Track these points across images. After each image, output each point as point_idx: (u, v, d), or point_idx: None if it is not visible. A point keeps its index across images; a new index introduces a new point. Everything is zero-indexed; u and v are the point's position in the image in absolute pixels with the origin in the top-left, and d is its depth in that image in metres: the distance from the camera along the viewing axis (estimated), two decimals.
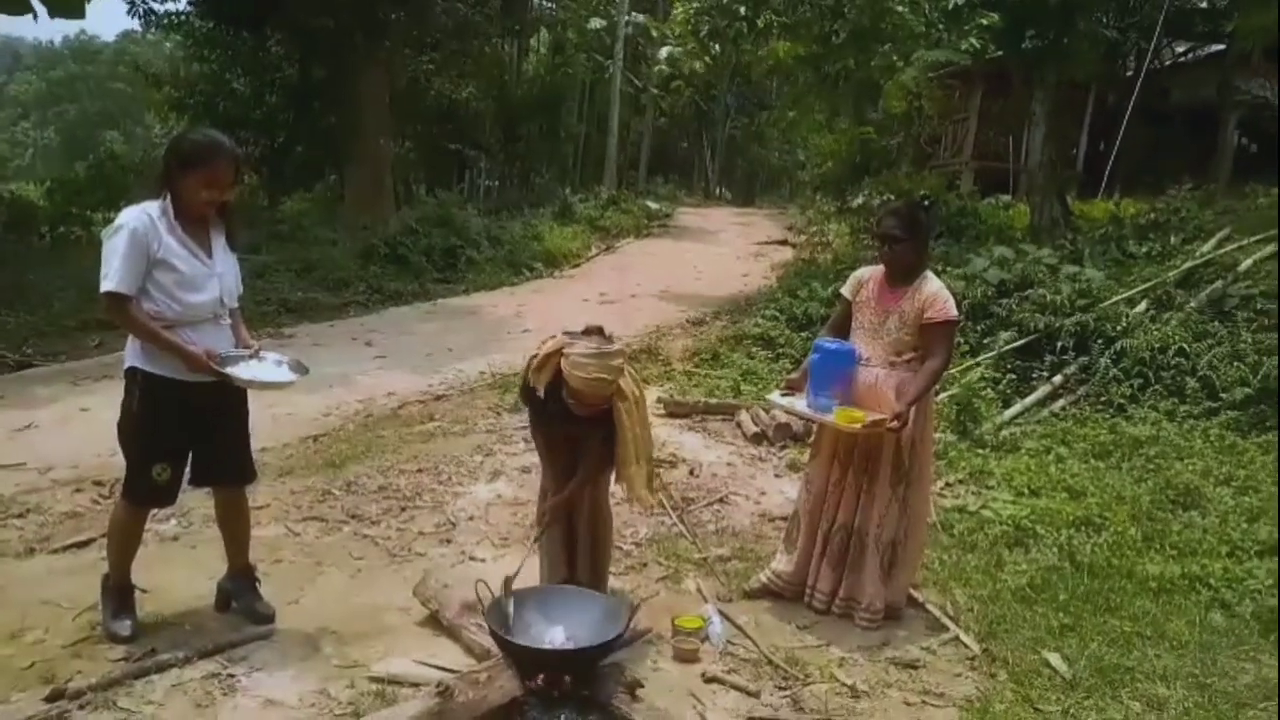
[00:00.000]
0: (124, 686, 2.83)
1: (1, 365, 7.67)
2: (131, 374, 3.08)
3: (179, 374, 3.03)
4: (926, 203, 3.75)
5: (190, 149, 3.03)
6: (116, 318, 3.01)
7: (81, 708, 2.70)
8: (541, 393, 3.12)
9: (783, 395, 3.77)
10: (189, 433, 3.15)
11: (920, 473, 3.62)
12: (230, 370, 3.08)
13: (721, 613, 3.58)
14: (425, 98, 19.88)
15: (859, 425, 3.38)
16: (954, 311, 3.51)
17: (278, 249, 13.05)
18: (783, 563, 3.79)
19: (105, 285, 2.93)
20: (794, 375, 3.80)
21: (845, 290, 3.77)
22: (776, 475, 5.56)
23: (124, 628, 3.14)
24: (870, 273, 3.71)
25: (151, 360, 3.03)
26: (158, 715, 2.71)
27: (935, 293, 3.49)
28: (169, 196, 3.02)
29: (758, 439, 6.15)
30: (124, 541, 3.23)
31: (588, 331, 3.11)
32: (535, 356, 3.15)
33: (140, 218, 2.96)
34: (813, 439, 4.04)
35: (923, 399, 3.49)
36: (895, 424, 3.31)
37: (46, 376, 7.34)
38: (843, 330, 3.74)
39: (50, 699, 2.72)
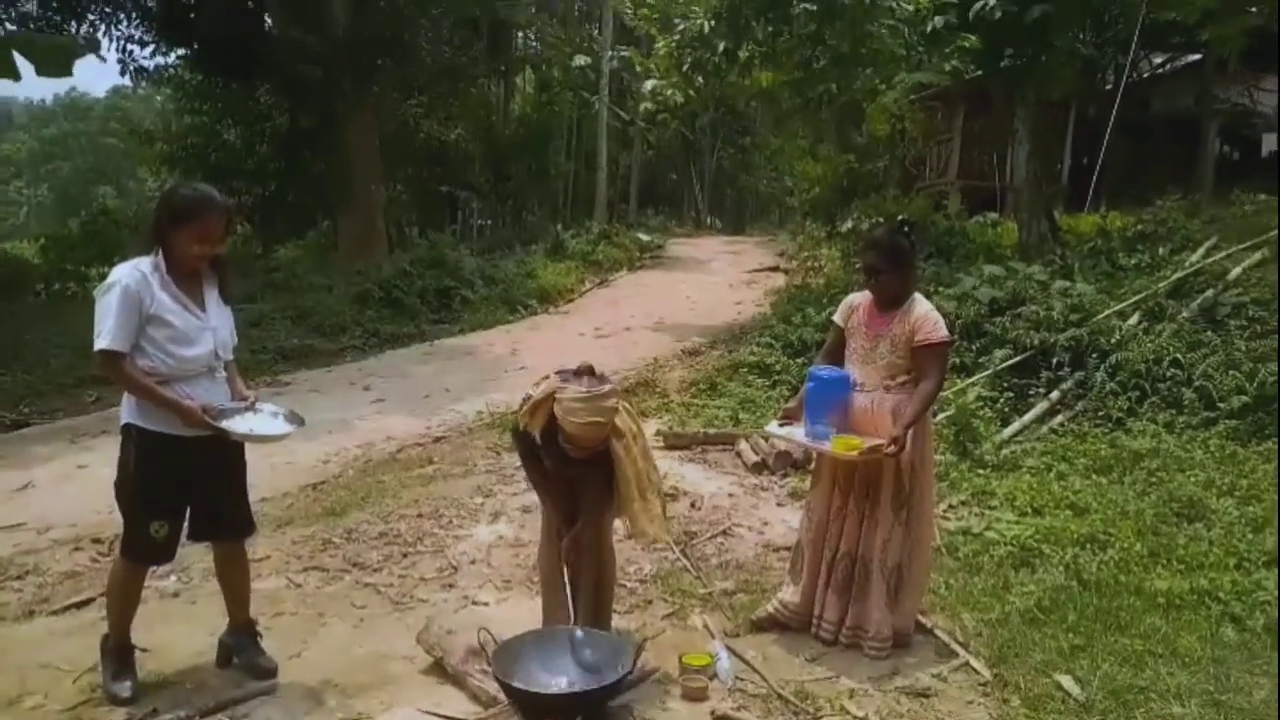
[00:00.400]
0: None
1: None
2: (127, 431, 3.08)
3: (175, 429, 3.02)
4: (906, 228, 3.76)
5: (181, 204, 3.05)
6: (111, 375, 3.03)
7: None
8: (538, 438, 3.12)
9: (780, 425, 3.77)
10: (186, 488, 3.14)
11: (922, 496, 3.61)
12: (226, 424, 3.07)
13: (729, 648, 3.54)
14: (414, 141, 20.09)
15: (856, 453, 3.37)
16: (944, 332, 3.53)
17: (272, 297, 13.09)
18: (789, 593, 3.77)
19: (99, 343, 2.94)
20: (791, 404, 3.80)
21: (837, 317, 3.79)
22: (779, 504, 5.54)
23: (125, 689, 3.10)
24: (860, 298, 3.72)
25: (147, 416, 3.03)
26: None
27: (924, 315, 3.51)
28: (160, 252, 3.03)
29: (758, 468, 6.13)
30: (123, 600, 3.20)
31: (579, 372, 3.10)
32: (528, 399, 3.15)
33: (132, 274, 2.98)
34: (813, 467, 4.04)
35: (920, 421, 3.49)
36: (893, 449, 3.31)
37: (44, 435, 7.33)
38: (837, 356, 3.74)
39: None
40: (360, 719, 3.03)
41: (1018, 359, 7.60)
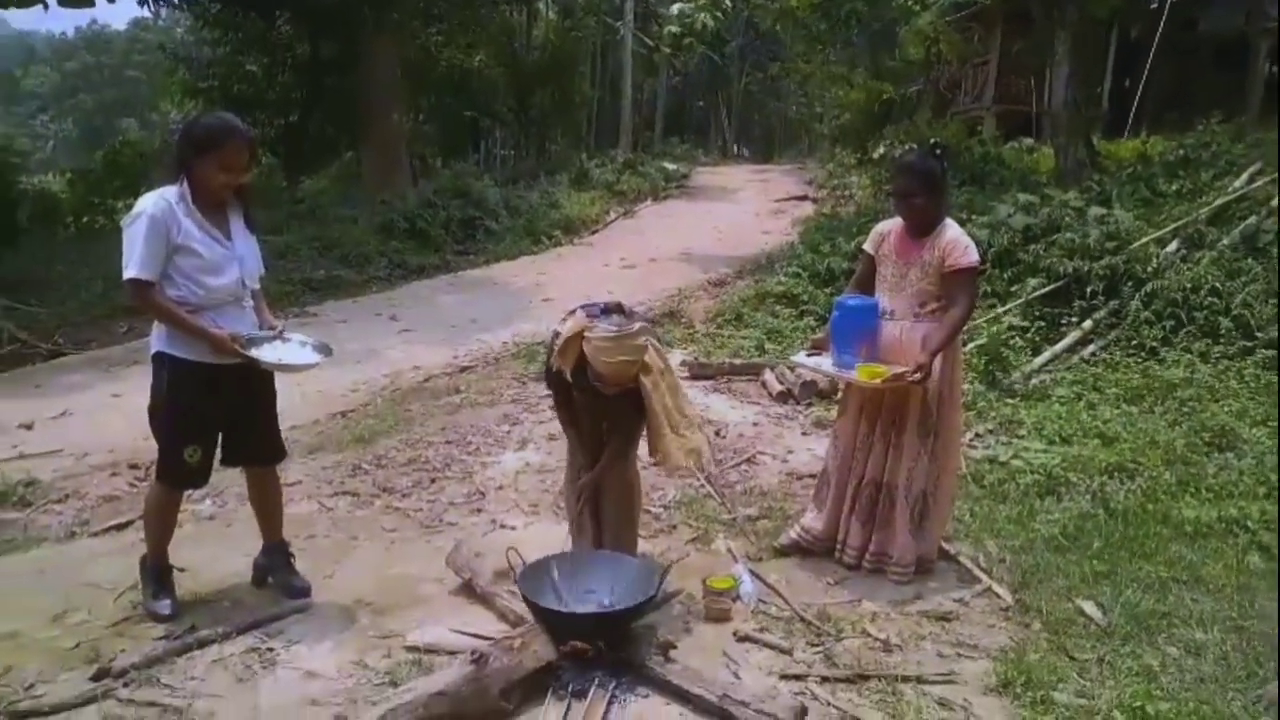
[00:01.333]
0: (166, 664, 2.89)
1: (35, 355, 7.81)
2: (158, 359, 3.11)
3: (204, 357, 3.05)
4: (938, 150, 3.62)
5: (204, 133, 3.03)
6: (140, 304, 3.05)
7: (126, 685, 2.77)
8: (569, 375, 3.11)
9: (809, 355, 3.75)
10: (217, 414, 3.18)
11: (949, 423, 3.57)
12: (255, 353, 3.10)
13: (752, 572, 3.58)
14: (436, 69, 19.78)
15: (880, 380, 3.34)
16: (975, 257, 3.45)
17: (298, 228, 13.11)
18: (812, 519, 3.79)
19: (128, 273, 2.96)
20: (819, 335, 3.77)
21: (867, 245, 3.71)
22: (803, 433, 5.54)
23: (164, 607, 3.21)
24: (891, 225, 3.65)
25: (177, 345, 3.06)
26: (200, 691, 2.76)
27: (954, 240, 3.43)
28: (185, 181, 3.02)
29: (783, 397, 6.12)
30: (160, 523, 3.28)
31: (608, 310, 3.07)
32: (557, 338, 3.13)
33: (158, 203, 2.98)
34: (839, 396, 4.01)
35: (948, 349, 3.44)
36: (918, 375, 3.27)
37: (78, 364, 7.46)
38: (867, 286, 3.69)
39: (96, 678, 2.79)
40: (392, 637, 3.11)
41: (1051, 288, 7.46)
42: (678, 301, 9.35)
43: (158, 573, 3.28)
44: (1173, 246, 7.67)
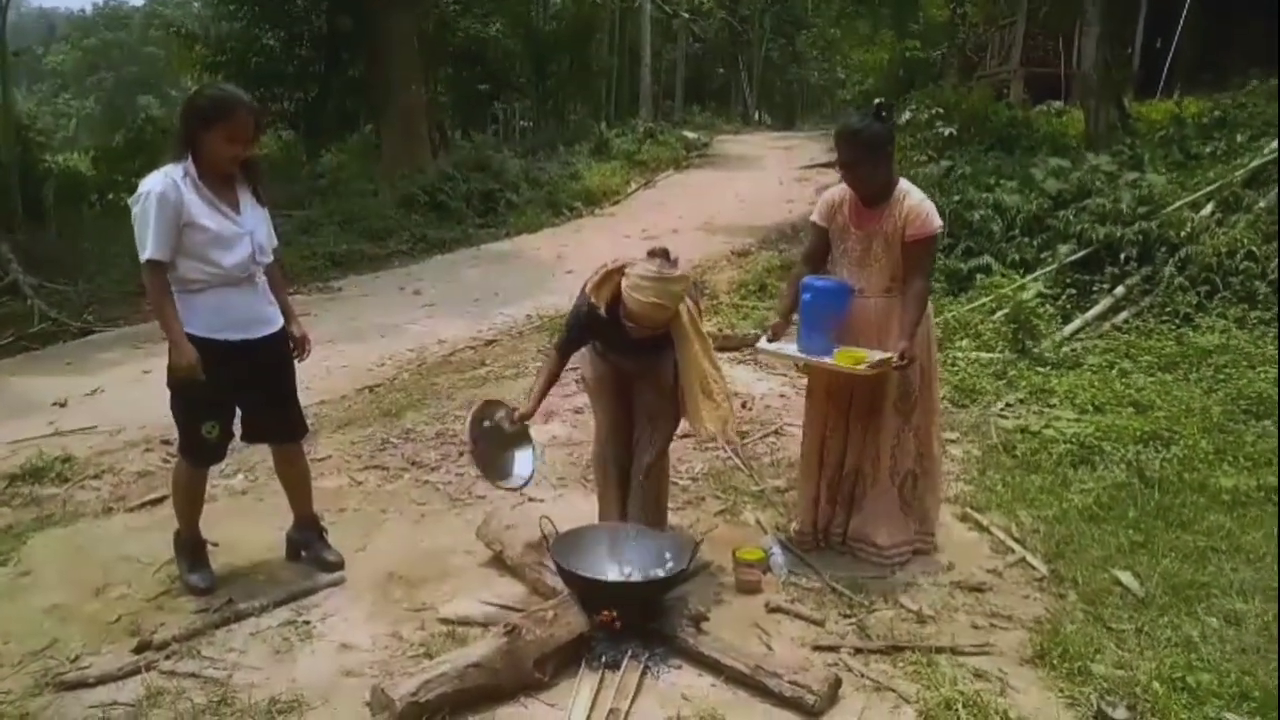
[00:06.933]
0: (206, 636, 2.94)
1: (65, 333, 7.91)
2: None
3: (213, 334, 3.04)
4: (883, 112, 3.21)
5: (208, 104, 2.99)
6: (149, 285, 2.97)
7: (168, 657, 2.81)
8: (603, 310, 3.05)
9: (769, 341, 3.49)
10: (233, 390, 3.16)
11: (928, 396, 3.41)
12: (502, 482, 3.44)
13: (782, 543, 3.57)
14: (453, 39, 19.59)
15: (864, 366, 3.11)
16: (936, 224, 3.20)
17: (319, 203, 13.14)
18: (798, 523, 3.63)
19: (144, 254, 2.93)
20: (776, 320, 3.51)
21: (816, 217, 3.44)
22: None
23: (201, 580, 3.25)
24: (842, 193, 3.34)
25: (191, 322, 3.02)
26: (239, 663, 2.80)
27: (916, 206, 3.17)
28: (190, 157, 2.98)
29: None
30: (188, 500, 3.31)
31: (653, 253, 3.01)
32: (596, 274, 3.09)
33: (163, 181, 2.93)
34: (806, 383, 3.75)
35: (919, 323, 3.22)
36: (905, 363, 3.11)
37: (108, 342, 7.55)
38: (820, 262, 3.45)
39: (138, 650, 2.84)
40: (425, 609, 3.13)
41: (1082, 254, 7.32)
42: (701, 273, 9.27)
43: (191, 547, 3.32)
44: (1207, 210, 7.49)
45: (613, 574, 3.02)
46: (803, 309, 3.33)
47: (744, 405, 5.42)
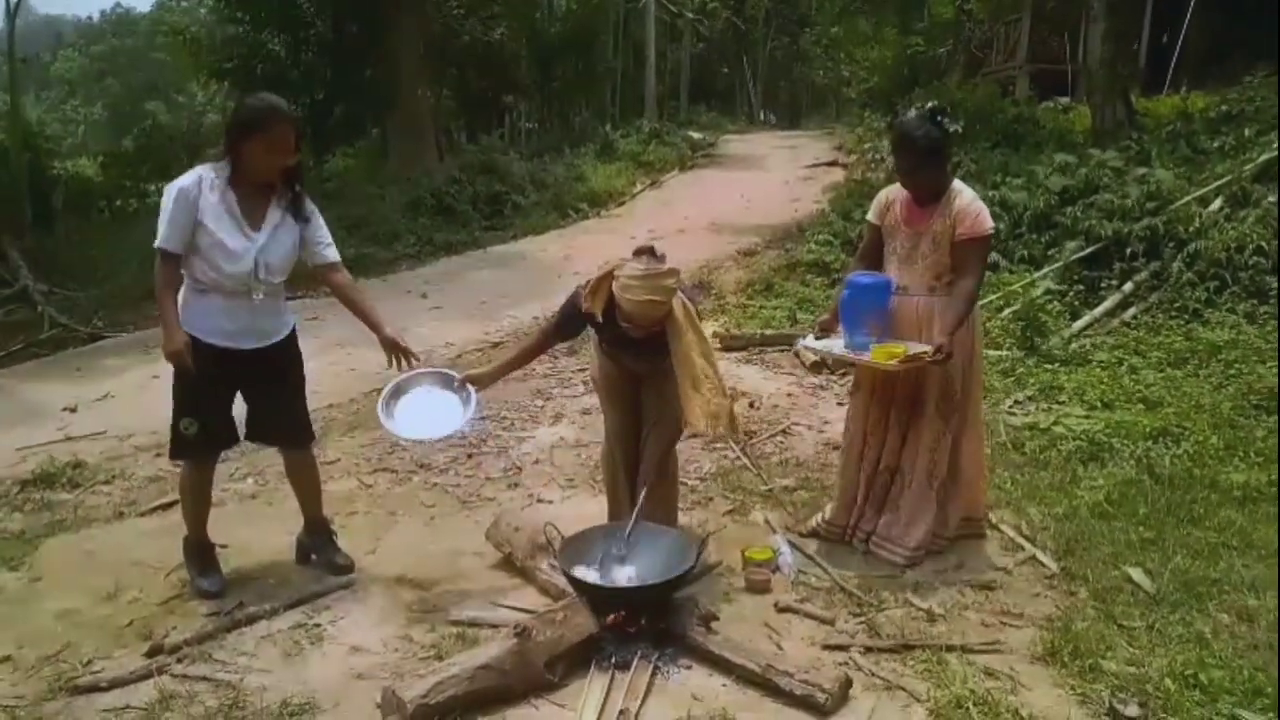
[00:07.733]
0: (217, 640, 2.95)
1: (75, 339, 7.95)
2: None
3: (211, 337, 3.08)
4: (939, 116, 3.25)
5: (248, 114, 3.06)
6: (158, 271, 3.06)
7: (180, 661, 2.82)
8: (599, 317, 3.07)
9: (817, 338, 3.56)
10: (220, 393, 3.19)
11: (971, 400, 3.42)
12: (390, 426, 3.35)
13: (791, 543, 3.57)
14: (459, 43, 19.63)
15: (896, 361, 3.16)
16: (988, 225, 3.25)
17: (325, 207, 13.10)
18: (832, 510, 3.65)
19: (156, 242, 3.02)
20: (825, 316, 3.57)
21: (871, 216, 3.49)
22: (839, 403, 5.48)
23: (211, 584, 3.26)
24: (895, 193, 3.41)
25: (187, 320, 3.07)
26: (250, 666, 2.81)
27: (967, 206, 3.22)
28: (229, 162, 3.05)
29: (817, 368, 6.07)
30: (193, 502, 3.33)
31: (639, 252, 3.02)
32: (585, 286, 3.11)
33: (191, 177, 3.02)
34: (851, 379, 3.81)
35: (965, 321, 3.25)
36: (938, 357, 3.11)
37: (118, 347, 7.58)
38: (875, 259, 3.49)
39: (150, 654, 2.85)
40: (435, 611, 3.14)
41: (1090, 250, 7.31)
42: (707, 272, 9.28)
43: (200, 551, 3.34)
44: (1216, 205, 7.47)
45: (620, 576, 3.02)
46: (842, 305, 3.39)
47: (751, 405, 5.42)
